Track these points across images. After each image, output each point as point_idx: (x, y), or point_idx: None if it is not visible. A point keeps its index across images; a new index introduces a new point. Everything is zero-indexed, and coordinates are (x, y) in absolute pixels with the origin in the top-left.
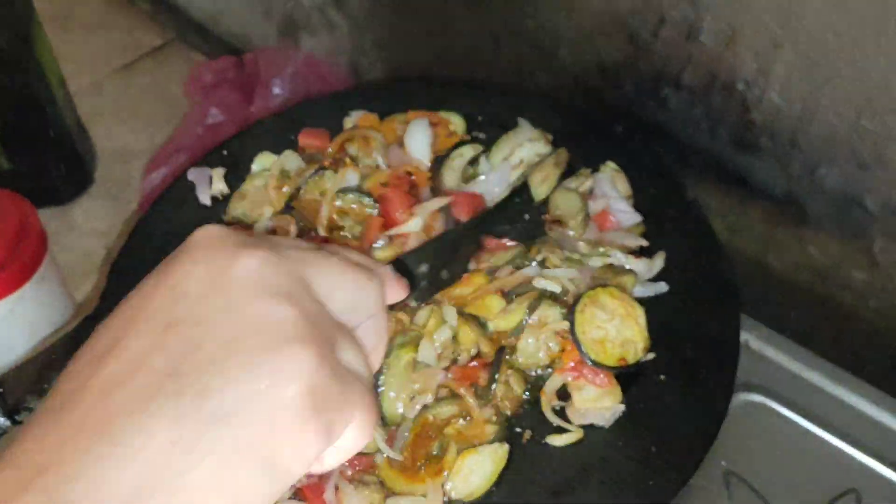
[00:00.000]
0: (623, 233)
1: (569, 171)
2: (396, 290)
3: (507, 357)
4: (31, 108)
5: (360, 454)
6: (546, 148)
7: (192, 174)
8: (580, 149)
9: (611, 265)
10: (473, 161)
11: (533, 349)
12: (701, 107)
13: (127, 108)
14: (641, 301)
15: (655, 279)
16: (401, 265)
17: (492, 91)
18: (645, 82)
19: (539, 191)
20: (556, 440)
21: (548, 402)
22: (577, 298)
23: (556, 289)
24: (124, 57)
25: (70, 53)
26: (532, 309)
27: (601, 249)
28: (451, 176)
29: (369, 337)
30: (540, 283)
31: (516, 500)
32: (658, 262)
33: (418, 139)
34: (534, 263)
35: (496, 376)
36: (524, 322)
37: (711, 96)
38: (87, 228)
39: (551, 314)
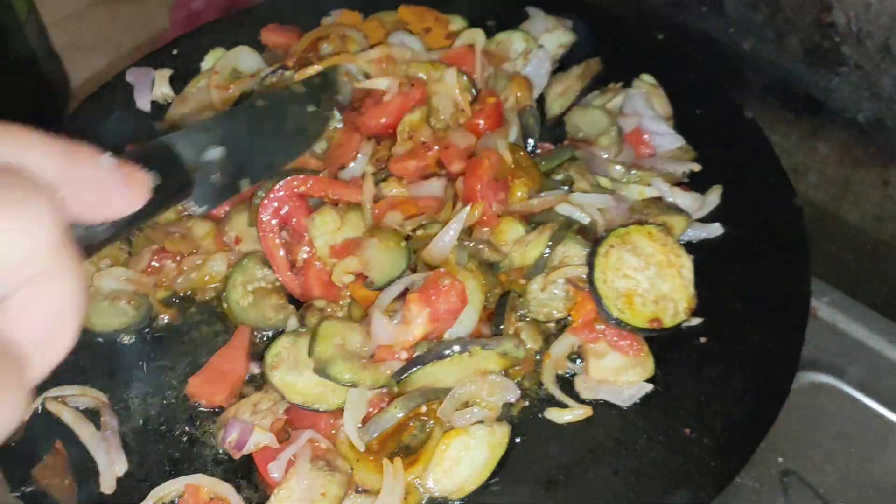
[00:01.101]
0: (667, 158)
1: (591, 86)
2: (123, 193)
3: (515, 304)
4: None
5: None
6: (568, 36)
7: (132, 75)
8: (609, 59)
9: (655, 200)
10: None
11: (545, 296)
12: (765, 7)
13: (109, 40)
14: (688, 247)
15: (708, 219)
16: (158, 152)
17: None
18: None
19: (553, 105)
20: (557, 415)
21: (552, 367)
22: (602, 237)
23: (584, 219)
24: None
25: None
26: (556, 242)
27: (637, 175)
28: None
29: (32, 316)
30: (564, 210)
31: (500, 490)
32: (713, 197)
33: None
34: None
35: (500, 327)
36: (543, 257)
37: None
38: None
39: (575, 253)
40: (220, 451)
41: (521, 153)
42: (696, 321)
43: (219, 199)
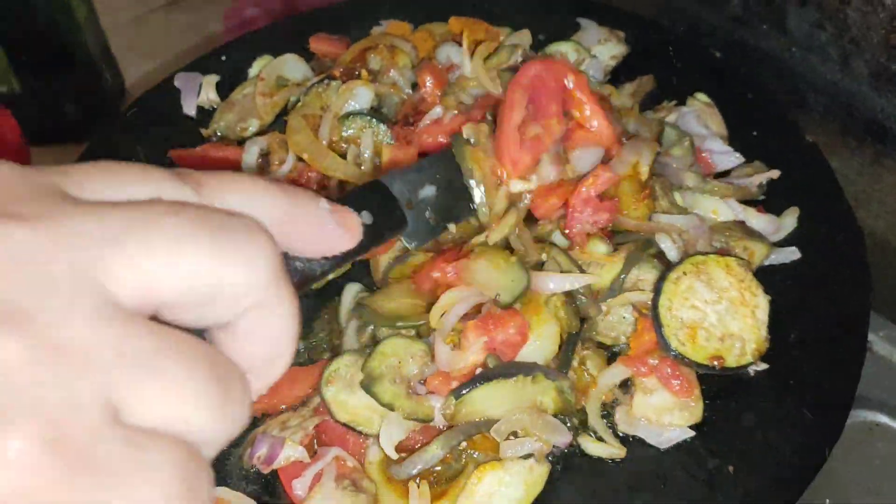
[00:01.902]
0: (742, 174)
1: (644, 105)
2: (338, 233)
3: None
4: (49, 30)
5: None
6: (620, 48)
7: (180, 80)
8: (663, 77)
9: (738, 224)
10: None
11: (613, 319)
12: (831, 27)
13: (165, 46)
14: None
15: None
16: (374, 191)
17: (556, 5)
18: None
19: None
20: (592, 447)
21: (597, 396)
22: (675, 263)
23: (671, 250)
24: None
25: None
26: (630, 263)
27: (713, 186)
28: None
29: (252, 340)
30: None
31: None
32: (789, 219)
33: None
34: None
35: (568, 361)
36: (620, 279)
37: (847, 11)
38: None
39: (650, 278)
40: (244, 468)
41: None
42: (762, 366)
43: (430, 237)
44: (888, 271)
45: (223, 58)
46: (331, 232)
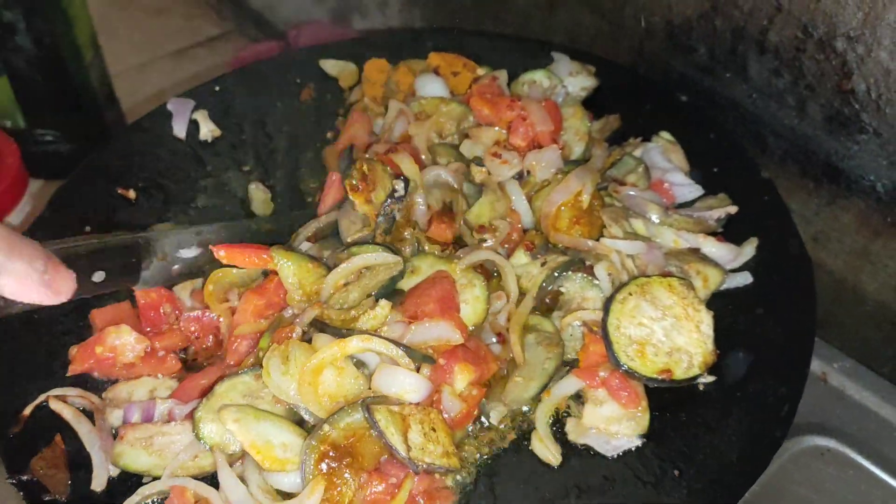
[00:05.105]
0: (703, 207)
1: (610, 142)
2: (42, 293)
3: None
4: (56, 69)
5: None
6: (590, 81)
7: (173, 104)
8: (630, 117)
9: (693, 250)
10: None
11: (565, 336)
12: (788, 74)
13: (170, 93)
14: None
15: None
16: (128, 250)
17: (531, 45)
18: (721, 44)
19: (576, 149)
20: (537, 446)
21: (550, 406)
22: (622, 284)
23: (601, 272)
24: (178, 43)
25: (124, 34)
26: (557, 272)
27: (675, 217)
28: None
29: None
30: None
31: None
32: (748, 248)
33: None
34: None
35: None
36: (544, 288)
37: (802, 59)
38: None
39: (593, 296)
40: None
41: (597, 202)
42: (709, 379)
43: (161, 284)
44: (846, 307)
45: (216, 88)
46: (34, 290)
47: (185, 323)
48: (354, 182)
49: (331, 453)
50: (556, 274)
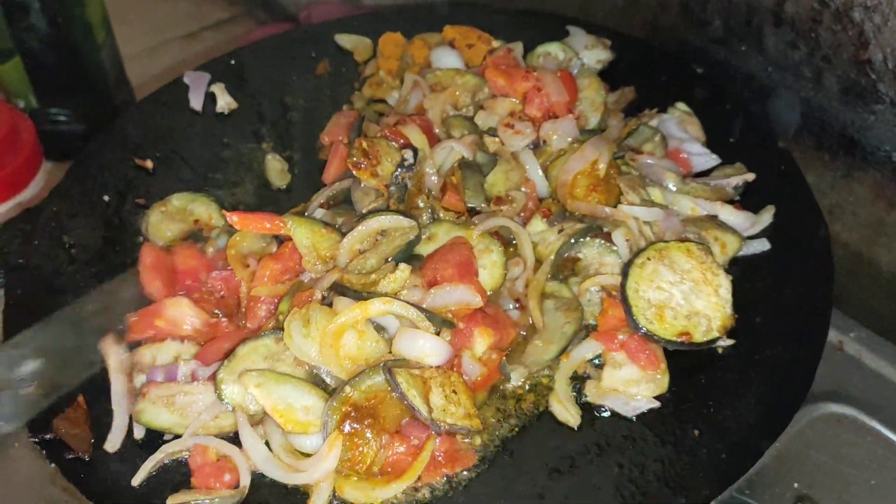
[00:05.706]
0: (720, 174)
1: (626, 113)
2: None
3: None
4: (69, 50)
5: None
6: (606, 54)
7: (188, 77)
8: (646, 89)
9: (711, 217)
10: None
11: (583, 300)
12: (804, 46)
13: (180, 72)
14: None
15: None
16: None
17: (546, 19)
18: (736, 17)
19: (591, 119)
20: (557, 408)
21: (569, 368)
22: (640, 249)
23: (619, 239)
24: (188, 27)
25: (134, 17)
26: (574, 239)
27: (692, 185)
28: None
29: None
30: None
31: (506, 474)
32: (766, 216)
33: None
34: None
35: None
36: (561, 254)
37: (818, 31)
38: None
39: (611, 262)
40: None
41: (614, 171)
42: (728, 342)
43: (34, 412)
44: (860, 279)
45: (231, 62)
46: None
47: (212, 282)
48: (356, 160)
49: (352, 414)
50: (573, 240)
